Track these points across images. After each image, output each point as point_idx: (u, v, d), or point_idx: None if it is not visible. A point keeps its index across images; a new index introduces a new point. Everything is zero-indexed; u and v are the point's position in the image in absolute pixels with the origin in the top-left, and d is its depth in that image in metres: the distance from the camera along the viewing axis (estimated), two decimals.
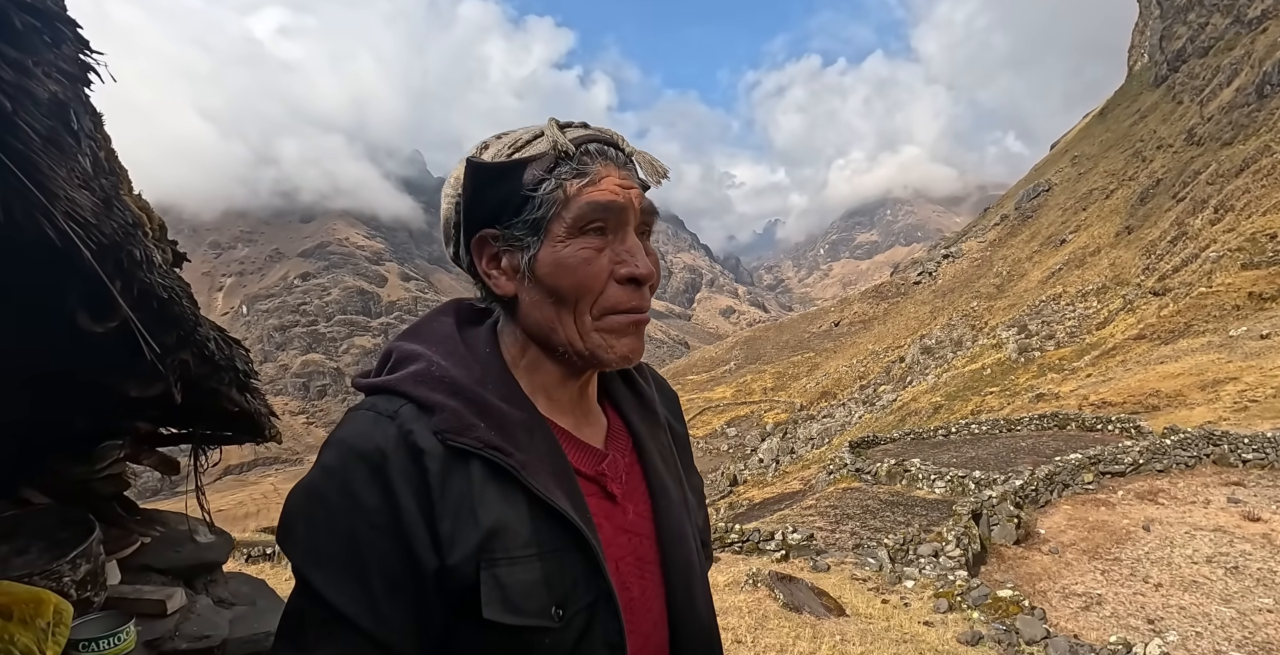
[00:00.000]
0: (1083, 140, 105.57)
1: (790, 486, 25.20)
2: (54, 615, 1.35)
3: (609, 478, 0.85)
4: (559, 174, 0.77)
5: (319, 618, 0.70)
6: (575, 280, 0.77)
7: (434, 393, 0.76)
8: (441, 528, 0.71)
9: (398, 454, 0.71)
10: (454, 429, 0.73)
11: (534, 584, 0.72)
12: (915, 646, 7.51)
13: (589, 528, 0.77)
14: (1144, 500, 13.23)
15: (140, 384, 1.37)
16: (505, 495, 0.73)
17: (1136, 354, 30.63)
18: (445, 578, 0.71)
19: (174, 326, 1.23)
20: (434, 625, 0.73)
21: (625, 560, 0.83)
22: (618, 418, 0.93)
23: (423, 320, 0.88)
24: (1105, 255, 57.94)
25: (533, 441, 0.77)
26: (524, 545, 0.73)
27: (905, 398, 44.40)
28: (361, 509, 0.70)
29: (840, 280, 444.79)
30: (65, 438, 2.04)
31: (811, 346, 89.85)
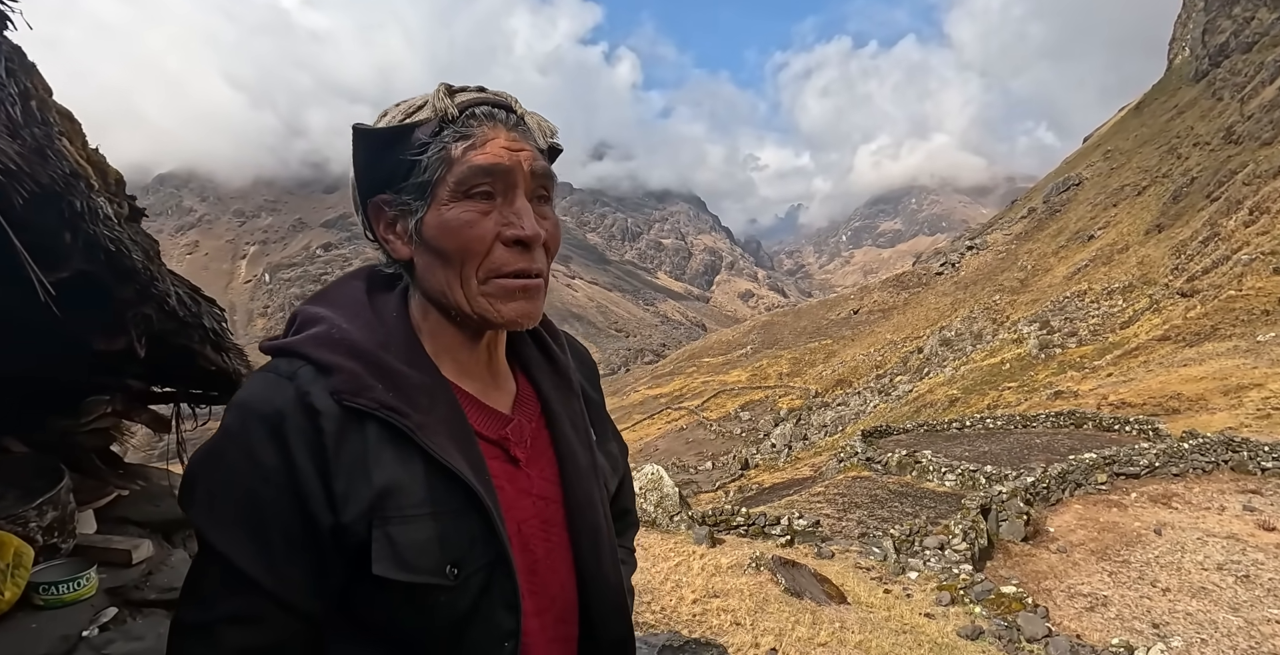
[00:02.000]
0: (1117, 134, 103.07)
1: (801, 472, 25.24)
2: (14, 557, 1.41)
3: (512, 442, 0.87)
4: (443, 137, 0.78)
5: (219, 575, 0.72)
6: (459, 243, 0.78)
7: (333, 354, 0.77)
8: (336, 486, 0.72)
9: (295, 414, 0.73)
10: (350, 390, 0.74)
11: (427, 542, 0.73)
12: (914, 637, 7.51)
13: (486, 489, 0.77)
14: (1157, 503, 13.09)
15: (104, 337, 1.38)
16: (401, 456, 0.74)
17: (1159, 355, 30.16)
18: (340, 535, 0.73)
19: (128, 279, 1.23)
20: (333, 582, 0.75)
21: (529, 523, 0.85)
22: (528, 384, 0.94)
23: (332, 284, 0.89)
24: (1133, 253, 56.80)
25: (432, 404, 0.78)
26: (418, 504, 0.74)
27: (921, 389, 44.10)
28: (259, 469, 0.71)
29: (861, 268, 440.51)
30: (51, 391, 2.09)
31: (829, 333, 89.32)
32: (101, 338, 1.38)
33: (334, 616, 0.78)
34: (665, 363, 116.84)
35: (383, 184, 0.81)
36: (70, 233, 1.00)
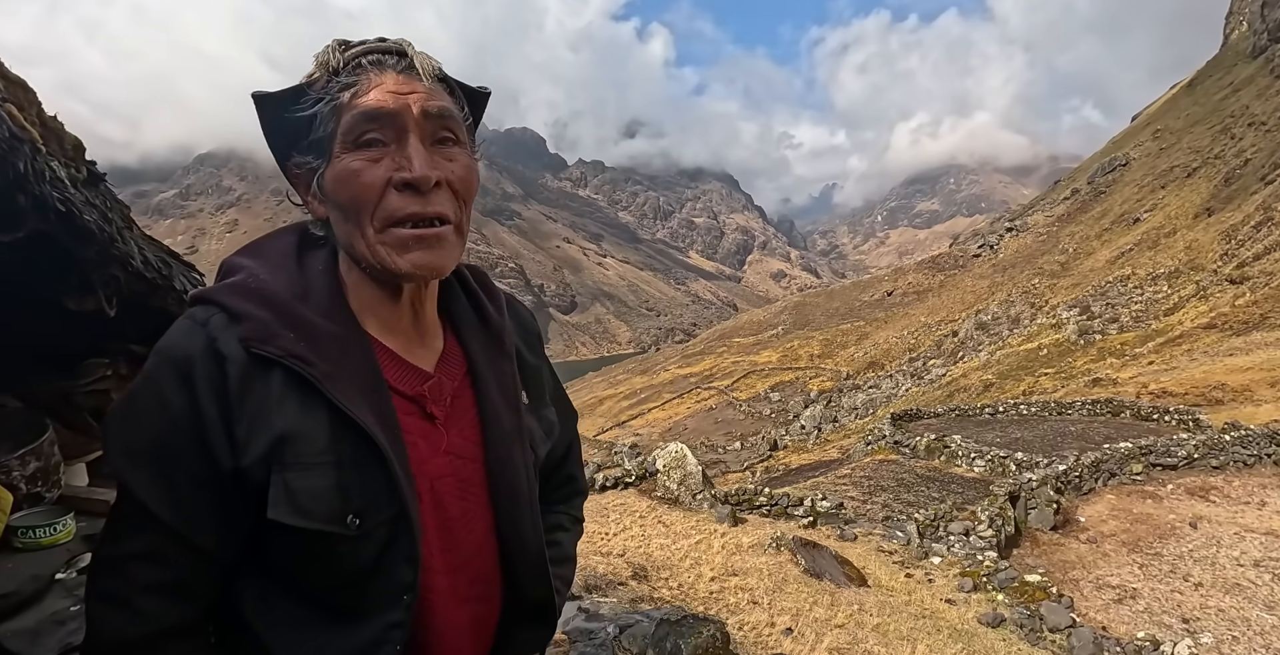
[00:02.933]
0: (1167, 113, 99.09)
1: (829, 454, 25.14)
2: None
3: (429, 399, 0.86)
4: (330, 91, 0.77)
5: (129, 514, 0.75)
6: (350, 192, 0.77)
7: (245, 302, 0.78)
8: (238, 431, 0.73)
9: (203, 360, 0.74)
10: (258, 337, 0.75)
11: (325, 490, 0.74)
12: (934, 623, 7.47)
13: (392, 442, 0.78)
14: (1194, 496, 12.76)
15: (75, 297, 1.43)
16: (304, 404, 0.75)
17: (1204, 344, 29.25)
18: (240, 479, 0.74)
19: (86, 240, 1.26)
20: (239, 526, 0.76)
21: (445, 481, 0.85)
22: (456, 344, 0.93)
23: (265, 236, 0.90)
24: (1181, 237, 54.82)
25: (343, 356, 0.79)
26: (319, 453, 0.75)
27: (955, 373, 43.43)
28: (168, 411, 0.73)
29: (896, 249, 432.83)
30: (49, 354, 2.19)
31: (862, 315, 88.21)
32: (71, 298, 1.43)
33: (244, 562, 0.79)
34: (696, 342, 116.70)
35: (289, 146, 0.82)
36: (22, 195, 1.03)
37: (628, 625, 3.48)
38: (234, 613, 0.80)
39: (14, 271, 1.40)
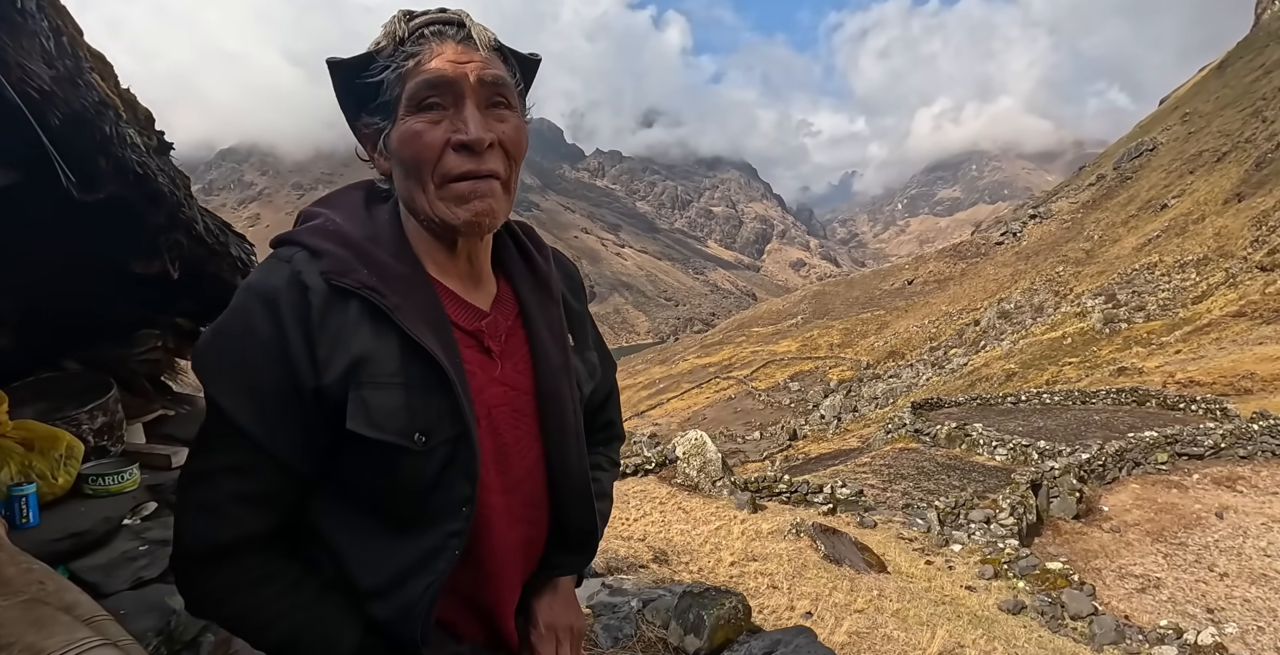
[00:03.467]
0: (1196, 96, 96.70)
1: (848, 443, 25.07)
2: (66, 450, 1.64)
3: (486, 334, 0.95)
4: (396, 58, 0.86)
5: (219, 430, 0.82)
6: (412, 151, 0.85)
7: (324, 242, 0.86)
8: (319, 353, 0.81)
9: (288, 291, 0.82)
10: (337, 271, 0.83)
11: (396, 408, 0.82)
12: (954, 609, 7.49)
13: (455, 369, 0.85)
14: (1220, 486, 12.60)
15: (141, 260, 1.51)
16: (378, 332, 0.83)
17: (1233, 333, 28.71)
18: (322, 396, 0.82)
19: (158, 203, 1.34)
20: (318, 442, 0.84)
21: (500, 409, 0.94)
22: (509, 289, 1.02)
23: (335, 191, 0.99)
24: (1210, 224, 53.60)
25: (412, 291, 0.87)
26: (390, 374, 0.83)
27: (977, 363, 42.99)
28: (256, 338, 0.81)
29: (917, 237, 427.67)
30: (108, 324, 2.33)
31: (882, 304, 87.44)
32: (138, 261, 1.51)
33: (319, 479, 0.87)
34: (714, 332, 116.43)
35: (359, 109, 0.90)
36: (104, 158, 1.10)
37: (650, 599, 3.56)
38: (309, 524, 0.88)
39: (87, 233, 1.48)
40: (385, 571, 0.86)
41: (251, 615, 0.84)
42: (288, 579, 0.86)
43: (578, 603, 1.13)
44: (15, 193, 1.20)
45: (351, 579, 0.86)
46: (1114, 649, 7.54)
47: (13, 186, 1.18)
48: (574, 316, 1.09)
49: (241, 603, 0.84)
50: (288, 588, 0.85)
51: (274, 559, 0.86)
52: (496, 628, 0.98)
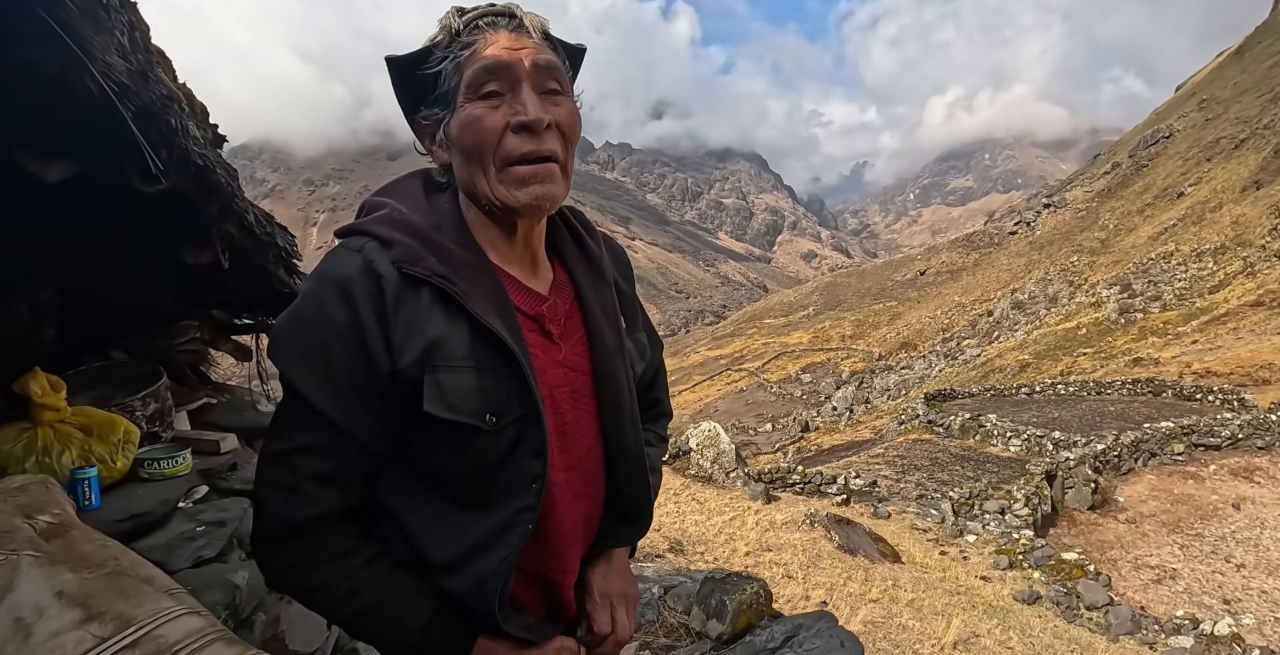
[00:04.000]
0: (1213, 82, 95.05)
1: (861, 435, 25.03)
2: (124, 434, 1.71)
3: (547, 318, 0.98)
4: (453, 50, 0.89)
5: (298, 413, 0.86)
6: (472, 136, 0.89)
7: (394, 231, 0.89)
8: (394, 338, 0.85)
9: (362, 279, 0.85)
10: (408, 260, 0.87)
11: (469, 390, 0.86)
12: (969, 599, 7.50)
13: (522, 352, 0.89)
14: (1237, 477, 12.51)
15: (193, 251, 1.56)
16: (449, 317, 0.87)
17: (1251, 322, 28.36)
18: (397, 379, 0.85)
19: (213, 195, 1.40)
20: (391, 423, 0.88)
21: (561, 390, 0.97)
22: (564, 273, 1.05)
23: (394, 181, 1.02)
24: (1227, 212, 52.81)
25: (476, 277, 0.90)
26: (462, 358, 0.86)
27: (990, 353, 42.73)
28: (332, 324, 0.84)
29: (929, 227, 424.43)
30: (151, 318, 2.41)
31: (894, 295, 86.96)
32: (191, 251, 1.56)
33: (392, 460, 0.91)
34: (726, 324, 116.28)
35: (417, 102, 0.94)
36: (167, 150, 1.15)
37: (672, 586, 3.62)
38: (380, 504, 0.92)
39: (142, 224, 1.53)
40: (459, 546, 0.90)
41: (328, 590, 0.88)
42: (363, 556, 0.90)
43: (631, 572, 1.17)
44: (73, 184, 1.25)
45: (424, 555, 0.90)
46: (1130, 639, 7.54)
47: (70, 179, 1.23)
48: (625, 299, 1.13)
49: (319, 578, 0.87)
50: (364, 564, 0.89)
51: (350, 536, 0.90)
52: (558, 601, 1.02)
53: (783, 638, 2.96)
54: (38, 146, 1.20)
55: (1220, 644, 7.49)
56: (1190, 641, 7.50)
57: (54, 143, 1.21)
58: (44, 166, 1.18)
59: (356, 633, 0.92)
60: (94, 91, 0.97)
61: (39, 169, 1.18)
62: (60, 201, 1.40)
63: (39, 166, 1.18)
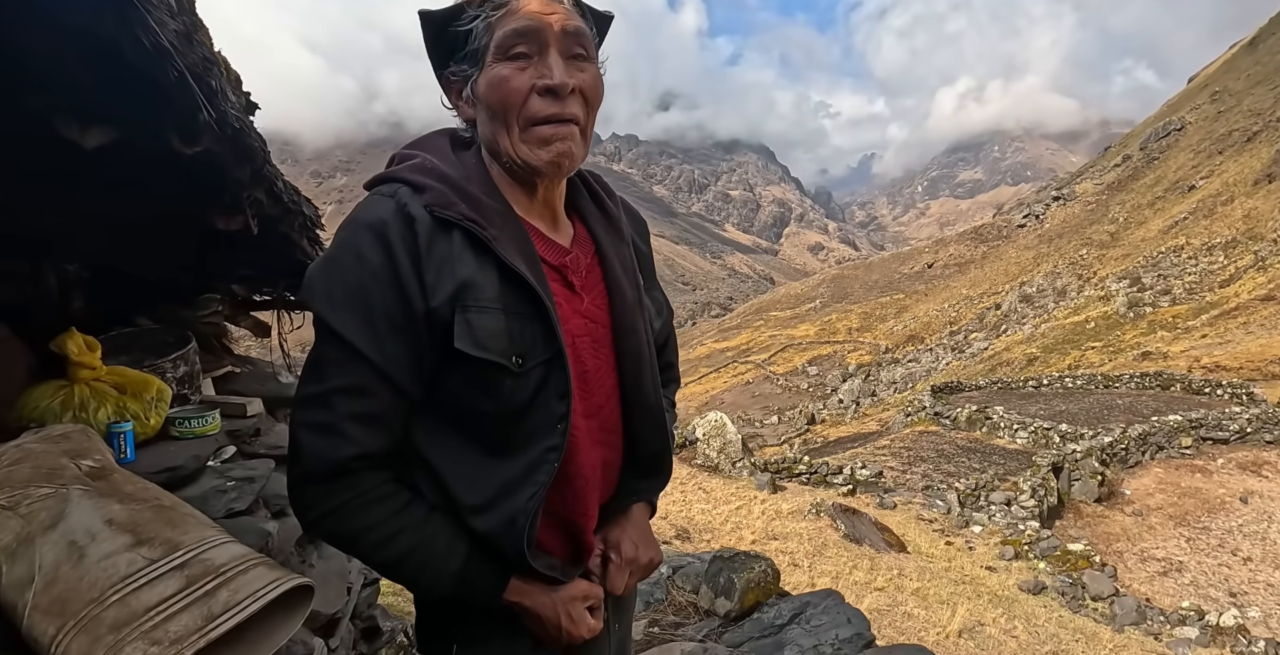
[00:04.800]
0: (1226, 74, 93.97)
1: (867, 427, 25.03)
2: (156, 393, 1.76)
3: (570, 269, 1.01)
4: (485, 10, 0.92)
5: (335, 354, 0.87)
6: (499, 96, 0.91)
7: (425, 177, 0.92)
8: (427, 278, 0.87)
9: (395, 222, 0.88)
10: (440, 204, 0.89)
11: (497, 331, 0.89)
12: (974, 588, 7.53)
13: (547, 297, 0.92)
14: (1245, 471, 12.49)
15: (224, 216, 1.59)
16: (479, 261, 0.89)
17: (1262, 317, 28.20)
18: (430, 318, 0.88)
19: (247, 159, 1.42)
20: (425, 364, 0.90)
21: (581, 339, 1.00)
22: (584, 230, 1.08)
23: (422, 137, 1.05)
24: (1239, 205, 52.34)
25: (505, 226, 0.93)
26: (491, 300, 0.89)
27: (998, 347, 42.60)
28: (367, 266, 0.86)
29: (937, 220, 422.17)
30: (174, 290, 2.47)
31: (901, 288, 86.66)
32: (221, 217, 1.58)
33: (423, 405, 0.93)
34: (732, 316, 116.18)
35: (446, 57, 0.97)
36: (204, 112, 1.17)
37: (680, 566, 3.66)
38: (412, 450, 0.94)
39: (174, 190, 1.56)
40: (489, 486, 0.93)
41: (368, 533, 0.90)
42: (400, 500, 0.92)
43: (655, 538, 1.20)
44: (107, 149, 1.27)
45: (455, 497, 0.93)
46: (1135, 630, 7.56)
47: (106, 144, 1.24)
48: (642, 258, 1.16)
49: (359, 522, 0.89)
50: (401, 508, 0.91)
51: (388, 480, 0.92)
52: (579, 545, 1.04)
53: (790, 614, 2.99)
54: (76, 113, 1.22)
55: (1225, 635, 7.50)
56: (1195, 632, 7.52)
57: (93, 108, 1.22)
58: (83, 132, 1.20)
59: (394, 575, 0.95)
60: (148, 50, 0.99)
61: (78, 135, 1.19)
62: (94, 168, 1.42)
63: (78, 132, 1.19)
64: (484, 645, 1.01)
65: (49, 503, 0.79)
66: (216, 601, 0.72)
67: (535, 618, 0.99)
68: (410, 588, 0.99)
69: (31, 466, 0.87)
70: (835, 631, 2.80)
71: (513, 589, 0.96)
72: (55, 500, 0.80)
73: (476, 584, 0.95)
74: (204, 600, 0.72)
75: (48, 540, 0.73)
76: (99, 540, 0.75)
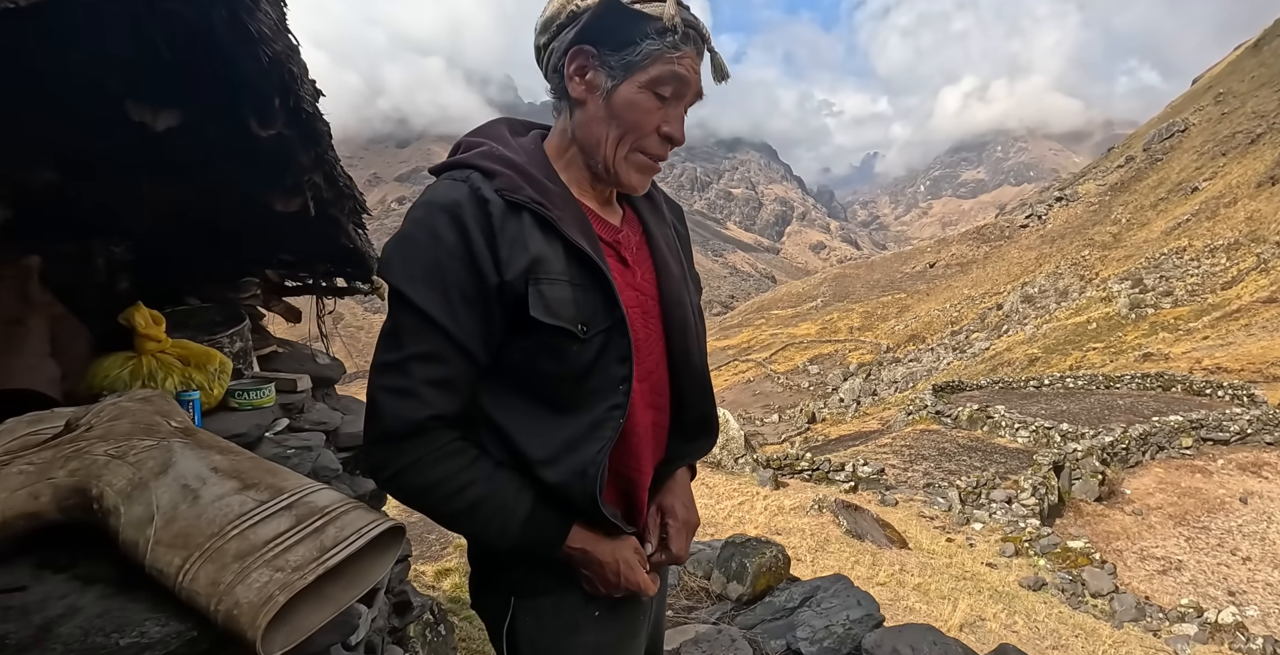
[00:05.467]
0: (1230, 75, 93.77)
1: (868, 426, 25.08)
2: (219, 365, 1.85)
3: (622, 246, 1.12)
4: (664, 40, 1.00)
5: (412, 324, 0.96)
6: (634, 120, 1.03)
7: (495, 164, 1.02)
8: (501, 254, 0.96)
9: (469, 204, 0.97)
10: (510, 188, 0.99)
11: (565, 300, 0.98)
12: (974, 584, 7.60)
13: (606, 270, 1.02)
14: (1245, 472, 12.55)
15: (283, 199, 1.65)
16: (546, 238, 0.99)
17: (1263, 319, 28.23)
18: (503, 291, 0.97)
19: (313, 143, 1.48)
20: (494, 332, 0.99)
21: (633, 310, 1.09)
22: (631, 211, 1.20)
23: (483, 125, 1.16)
24: (1242, 207, 52.27)
25: (566, 206, 1.03)
26: (559, 272, 0.99)
27: (999, 347, 42.62)
28: (443, 244, 0.95)
29: (940, 219, 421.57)
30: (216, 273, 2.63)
31: (903, 287, 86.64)
32: (281, 199, 1.65)
33: (491, 369, 1.02)
34: (733, 314, 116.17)
35: (595, 40, 1.02)
36: (280, 97, 1.23)
37: (691, 553, 3.73)
38: (482, 412, 1.03)
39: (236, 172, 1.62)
40: (554, 442, 1.02)
41: (440, 486, 0.98)
42: (470, 455, 1.00)
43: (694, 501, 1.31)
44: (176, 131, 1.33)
45: (522, 451, 1.01)
46: (1134, 626, 7.63)
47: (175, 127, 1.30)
48: (681, 238, 1.28)
49: (433, 476, 0.97)
50: (470, 462, 1.00)
51: (457, 439, 1.00)
52: (633, 501, 1.13)
53: (801, 598, 3.06)
54: (150, 96, 1.28)
55: (1224, 632, 7.57)
56: (1194, 629, 7.58)
57: (168, 90, 1.28)
58: (155, 115, 1.26)
59: (463, 525, 1.03)
60: (243, 36, 1.06)
61: (150, 118, 1.25)
62: (156, 149, 1.49)
63: (151, 115, 1.25)
64: (539, 598, 1.09)
65: (154, 452, 0.86)
66: (326, 537, 0.79)
67: (596, 563, 1.06)
68: (479, 536, 1.06)
69: (130, 422, 0.94)
70: (846, 613, 2.88)
71: (575, 536, 1.04)
72: (160, 450, 0.86)
73: (542, 530, 1.02)
74: (315, 535, 0.79)
75: (161, 484, 0.80)
76: (209, 484, 0.82)
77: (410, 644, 2.16)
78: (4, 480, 0.83)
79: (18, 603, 0.78)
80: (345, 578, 0.81)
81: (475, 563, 1.15)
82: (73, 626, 0.74)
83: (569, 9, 1.03)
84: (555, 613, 1.10)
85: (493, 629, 1.13)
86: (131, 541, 0.78)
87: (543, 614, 1.09)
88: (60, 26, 1.17)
